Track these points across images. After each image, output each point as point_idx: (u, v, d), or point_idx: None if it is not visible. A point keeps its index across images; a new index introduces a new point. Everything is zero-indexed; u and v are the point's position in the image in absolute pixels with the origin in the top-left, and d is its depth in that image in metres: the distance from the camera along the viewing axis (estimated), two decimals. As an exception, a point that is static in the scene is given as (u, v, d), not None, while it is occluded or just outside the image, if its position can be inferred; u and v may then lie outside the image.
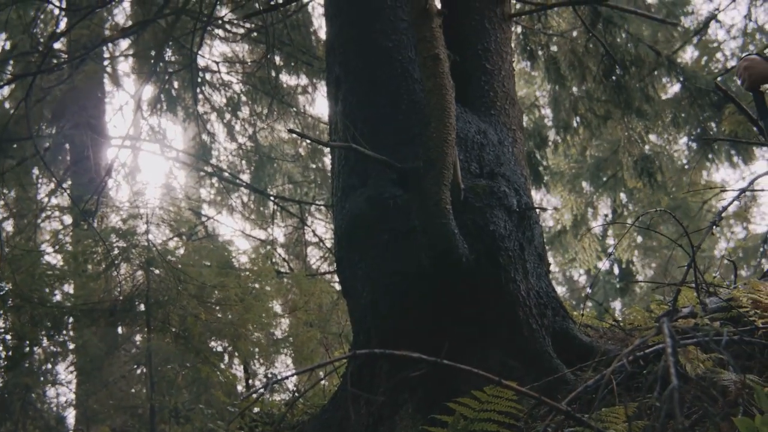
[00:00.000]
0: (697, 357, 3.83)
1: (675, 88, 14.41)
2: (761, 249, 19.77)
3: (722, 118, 12.34)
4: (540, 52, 11.96)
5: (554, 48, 12.00)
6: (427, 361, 2.55)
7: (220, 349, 9.28)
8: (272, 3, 9.59)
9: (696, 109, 13.01)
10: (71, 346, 9.11)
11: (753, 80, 4.69)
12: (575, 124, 13.82)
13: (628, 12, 9.22)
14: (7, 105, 12.62)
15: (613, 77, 11.62)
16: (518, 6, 9.48)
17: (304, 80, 14.37)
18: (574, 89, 12.96)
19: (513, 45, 11.46)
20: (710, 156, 14.97)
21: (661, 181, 14.71)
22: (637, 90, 11.98)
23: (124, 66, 15.10)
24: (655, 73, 12.26)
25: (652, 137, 15.27)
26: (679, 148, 17.80)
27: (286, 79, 14.10)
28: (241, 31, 12.82)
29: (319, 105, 18.54)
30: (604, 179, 16.76)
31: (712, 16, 15.02)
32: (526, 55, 12.06)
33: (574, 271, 23.39)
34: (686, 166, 17.62)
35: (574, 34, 11.88)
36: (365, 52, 6.33)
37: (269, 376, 10.03)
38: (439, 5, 6.11)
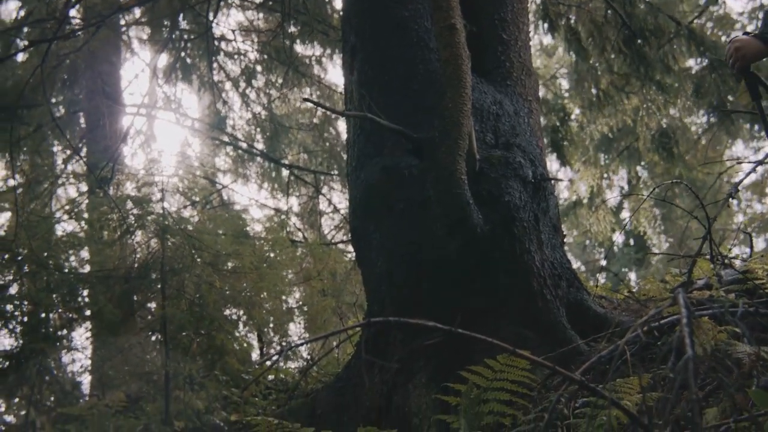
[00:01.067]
0: (713, 328, 3.83)
1: (691, 62, 14.30)
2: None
3: (740, 91, 12.25)
4: (560, 23, 11.88)
5: (573, 18, 11.92)
6: (441, 329, 2.55)
7: (234, 317, 9.30)
8: (288, -29, 9.56)
9: (716, 80, 12.91)
10: (87, 313, 9.14)
11: (745, 60, 4.64)
12: (594, 97, 13.73)
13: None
14: (22, 72, 12.62)
15: (633, 47, 11.54)
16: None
17: (319, 49, 14.33)
18: (593, 62, 12.89)
19: (531, 15, 11.42)
20: (729, 128, 14.85)
21: (677, 154, 14.63)
22: (657, 60, 11.90)
23: (140, 33, 15.04)
24: (674, 45, 12.16)
25: (671, 110, 15.18)
26: (697, 121, 17.70)
27: (302, 48, 14.07)
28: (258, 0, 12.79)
29: (335, 74, 18.50)
30: (620, 151, 16.69)
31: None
32: (547, 26, 11.99)
33: (589, 242, 23.35)
34: (703, 140, 17.53)
35: (593, 4, 11.80)
36: (381, 21, 6.31)
37: (283, 344, 10.06)
38: (456, -26, 6.08)
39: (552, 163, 15.53)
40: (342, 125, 14.83)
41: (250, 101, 14.94)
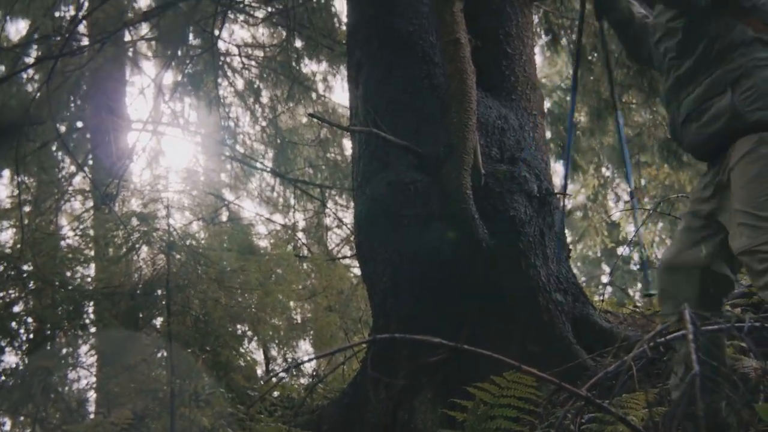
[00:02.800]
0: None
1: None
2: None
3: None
4: (563, 36, 11.87)
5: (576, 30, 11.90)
6: (447, 346, 2.55)
7: (240, 333, 9.29)
8: (293, -14, 9.58)
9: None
10: (92, 330, 9.13)
11: None
12: (598, 109, 13.71)
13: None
14: (29, 88, 12.65)
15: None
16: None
17: (324, 65, 14.35)
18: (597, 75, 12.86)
19: (535, 29, 11.40)
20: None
21: (686, 161, 14.57)
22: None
23: (145, 49, 15.07)
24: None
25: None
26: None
27: (307, 63, 14.08)
28: (262, 14, 12.80)
29: (340, 89, 18.56)
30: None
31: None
32: (549, 39, 11.98)
33: (593, 254, 23.31)
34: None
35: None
36: (386, 36, 6.31)
37: (289, 360, 10.05)
38: (460, -11, 6.08)
39: (556, 178, 15.51)
40: (347, 140, 14.83)
41: (256, 116, 14.96)
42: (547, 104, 13.88)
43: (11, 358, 8.75)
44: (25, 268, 8.66)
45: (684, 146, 4.06)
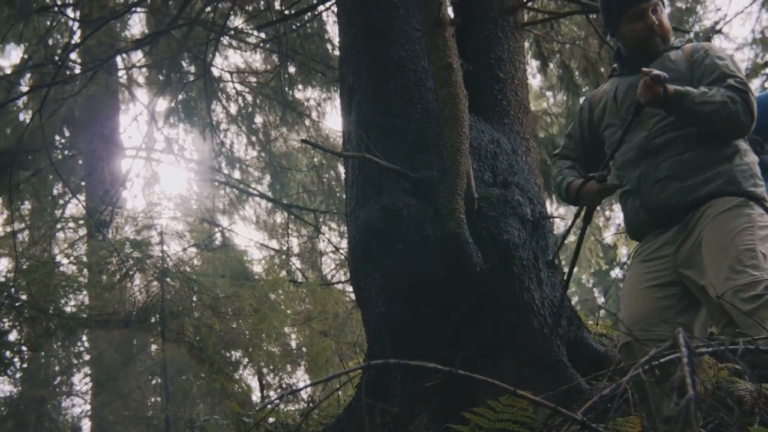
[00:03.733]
0: (714, 366, 3.81)
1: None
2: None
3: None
4: (553, 60, 11.91)
5: (567, 56, 11.94)
6: (442, 371, 2.54)
7: (234, 359, 9.28)
8: (286, 13, 9.61)
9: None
10: (86, 357, 9.12)
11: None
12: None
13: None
14: (22, 116, 12.67)
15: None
16: (531, 15, 9.47)
17: (317, 90, 14.39)
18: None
19: (526, 53, 11.45)
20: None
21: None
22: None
23: (138, 77, 15.11)
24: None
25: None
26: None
27: (300, 88, 14.12)
28: (255, 41, 12.84)
29: (334, 115, 18.61)
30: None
31: (714, 29, 14.91)
32: (540, 63, 12.03)
33: (585, 279, 23.33)
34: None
35: (587, 40, 11.82)
36: (378, 61, 6.32)
37: (284, 386, 10.03)
38: (451, 14, 6.11)
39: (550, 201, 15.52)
40: (341, 165, 14.84)
41: (250, 142, 14.98)
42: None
43: (6, 387, 8.73)
44: (20, 296, 8.65)
45: (651, 200, 4.27)
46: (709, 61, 4.29)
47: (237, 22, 11.97)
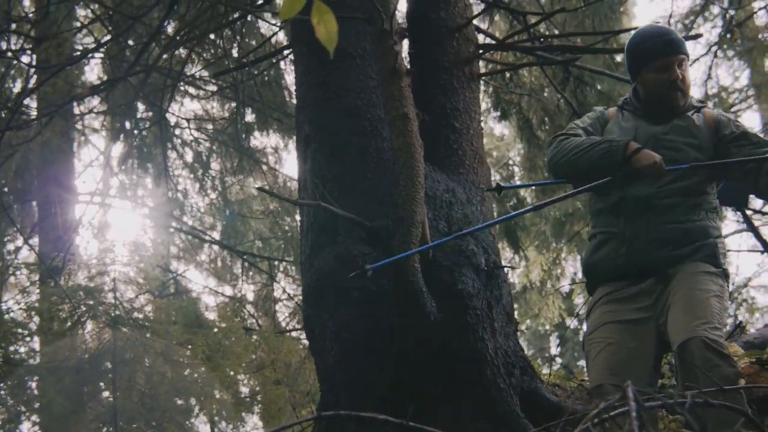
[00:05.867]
0: (666, 418, 3.84)
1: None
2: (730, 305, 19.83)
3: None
4: (512, 111, 11.99)
5: (525, 105, 12.03)
6: (392, 422, 2.53)
7: (186, 407, 9.18)
8: (243, 61, 9.62)
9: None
10: (36, 405, 8.99)
11: None
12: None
13: (598, 73, 9.32)
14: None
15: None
16: (487, 66, 9.55)
17: (274, 138, 14.40)
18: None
19: (485, 104, 11.53)
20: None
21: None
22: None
23: (94, 122, 15.05)
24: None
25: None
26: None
27: (257, 136, 14.11)
28: (212, 88, 12.84)
29: (291, 162, 18.60)
30: (572, 236, 16.72)
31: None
32: (499, 114, 12.11)
33: (542, 328, 23.38)
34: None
35: (546, 93, 11.93)
36: (334, 110, 6.34)
37: (236, 435, 9.93)
38: (407, 64, 6.16)
39: (505, 251, 15.58)
40: (297, 213, 14.83)
41: (205, 189, 14.93)
42: (494, 177, 13.99)
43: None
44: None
45: (642, 254, 4.41)
46: (739, 129, 4.54)
47: (194, 69, 11.97)
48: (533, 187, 13.45)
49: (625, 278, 4.40)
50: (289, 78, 13.21)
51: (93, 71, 15.39)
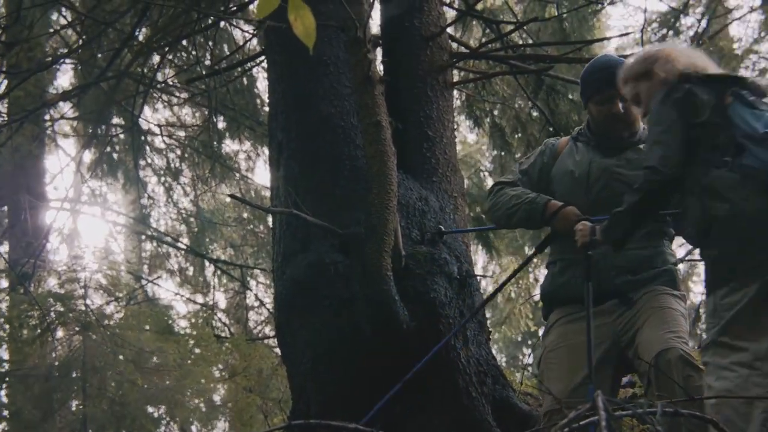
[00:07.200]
0: (636, 426, 3.86)
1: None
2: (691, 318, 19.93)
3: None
4: (486, 120, 12.01)
5: (497, 114, 12.05)
6: (363, 431, 2.53)
7: (157, 415, 9.14)
8: (215, 68, 9.59)
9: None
10: (5, 413, 8.92)
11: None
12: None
13: (570, 82, 9.35)
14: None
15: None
16: (461, 74, 9.57)
17: (247, 144, 14.34)
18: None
19: (458, 112, 11.53)
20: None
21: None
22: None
23: (66, 128, 14.95)
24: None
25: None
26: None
27: (229, 143, 14.07)
28: (184, 95, 12.79)
29: (263, 169, 18.58)
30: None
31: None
32: (472, 122, 12.12)
33: (513, 336, 23.43)
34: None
35: (519, 102, 11.95)
36: (307, 118, 6.33)
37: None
38: (381, 72, 6.15)
39: (479, 257, 15.62)
40: (269, 220, 14.79)
41: (177, 196, 14.88)
42: (467, 183, 14.00)
43: None
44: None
45: (601, 281, 4.45)
46: None
47: (167, 75, 11.92)
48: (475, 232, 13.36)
49: (584, 302, 4.40)
50: (262, 85, 13.18)
51: (65, 76, 15.28)
